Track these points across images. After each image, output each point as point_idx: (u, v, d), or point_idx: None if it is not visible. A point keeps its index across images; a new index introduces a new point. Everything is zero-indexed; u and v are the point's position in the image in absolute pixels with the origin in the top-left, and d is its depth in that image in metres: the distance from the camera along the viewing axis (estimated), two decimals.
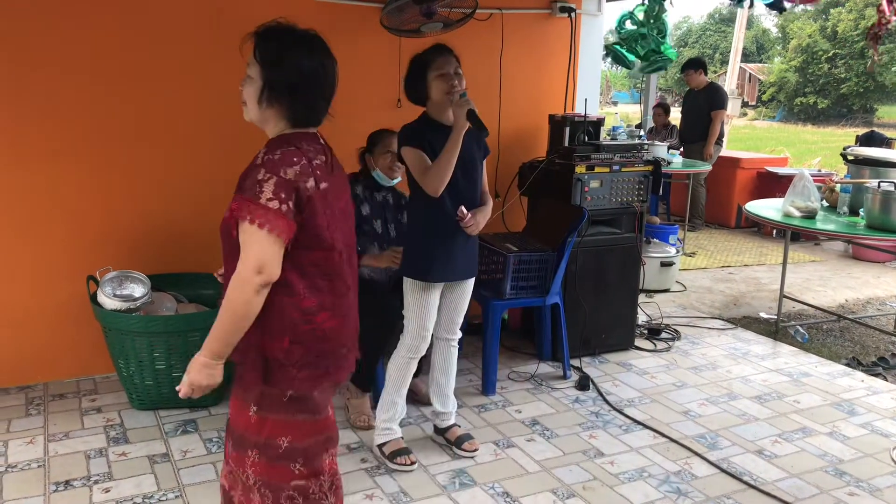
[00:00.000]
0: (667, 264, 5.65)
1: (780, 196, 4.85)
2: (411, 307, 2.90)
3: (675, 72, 32.44)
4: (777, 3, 4.05)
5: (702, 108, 7.61)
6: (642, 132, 4.73)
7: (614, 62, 4.65)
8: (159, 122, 3.65)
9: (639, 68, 4.75)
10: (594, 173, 3.97)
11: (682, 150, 7.58)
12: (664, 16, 4.47)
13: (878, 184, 4.19)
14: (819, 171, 8.54)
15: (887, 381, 4.09)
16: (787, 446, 3.26)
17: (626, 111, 19.68)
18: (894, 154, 5.32)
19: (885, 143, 7.77)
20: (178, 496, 2.72)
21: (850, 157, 5.25)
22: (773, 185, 7.95)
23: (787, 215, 4.40)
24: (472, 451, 3.08)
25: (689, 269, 6.42)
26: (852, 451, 3.22)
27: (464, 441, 3.09)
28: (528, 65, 4.58)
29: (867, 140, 7.93)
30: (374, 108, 4.09)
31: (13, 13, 3.29)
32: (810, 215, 4.37)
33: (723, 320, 5.02)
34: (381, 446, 3.00)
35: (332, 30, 3.91)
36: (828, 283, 6.24)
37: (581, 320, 4.06)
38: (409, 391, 3.06)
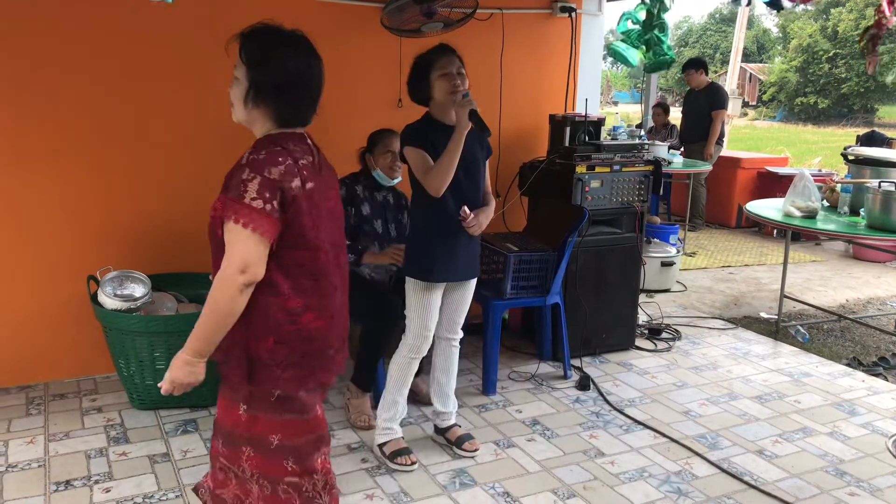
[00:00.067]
0: (667, 264, 5.64)
1: (780, 196, 4.85)
2: (413, 307, 2.90)
3: (675, 72, 32.43)
4: (776, 2, 4.03)
5: (702, 108, 7.61)
6: (643, 132, 4.73)
7: (616, 61, 4.65)
8: (159, 122, 3.65)
9: (640, 68, 4.75)
10: (595, 173, 3.97)
11: (682, 149, 7.58)
12: (664, 15, 4.47)
13: (879, 184, 4.19)
14: (819, 171, 8.54)
15: (888, 381, 4.09)
16: (787, 446, 3.26)
17: (627, 111, 19.66)
18: (895, 154, 5.32)
19: (885, 142, 7.77)
20: (179, 496, 2.72)
21: (850, 157, 5.25)
22: (773, 184, 7.95)
23: (787, 215, 4.40)
24: (473, 451, 3.08)
25: (689, 268, 6.42)
26: (853, 451, 3.22)
27: (464, 441, 3.09)
28: (529, 65, 4.58)
29: (868, 140, 7.93)
30: (375, 107, 4.09)
31: (13, 13, 3.29)
32: (811, 215, 4.37)
33: (723, 320, 5.02)
34: (381, 446, 3.00)
35: (332, 30, 3.98)
36: (828, 282, 6.23)
37: (581, 320, 4.06)
38: (410, 391, 3.06)
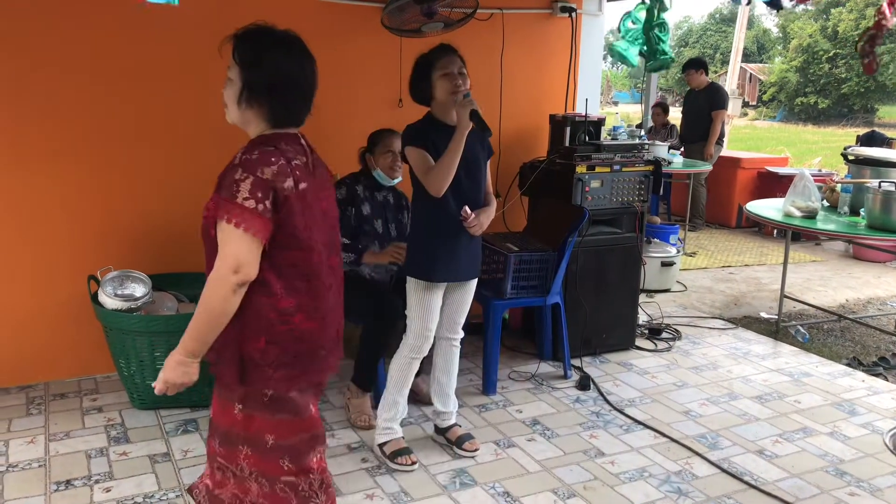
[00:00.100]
0: (667, 264, 5.64)
1: (780, 196, 4.85)
2: (414, 307, 2.90)
3: (675, 72, 32.42)
4: (776, 1, 4.04)
5: (702, 108, 7.61)
6: (643, 132, 4.74)
7: (616, 61, 4.66)
8: (159, 122, 3.65)
9: (640, 68, 4.76)
10: (595, 173, 3.97)
11: (682, 149, 7.58)
12: (664, 15, 4.48)
13: (879, 184, 4.19)
14: (820, 170, 8.54)
15: (888, 381, 4.09)
16: (787, 446, 3.26)
17: (627, 111, 19.66)
18: (895, 154, 5.32)
19: (885, 142, 7.77)
20: (179, 496, 2.72)
21: (850, 157, 5.25)
22: (773, 184, 7.95)
23: (787, 215, 4.41)
24: (473, 451, 3.08)
25: (689, 268, 6.42)
26: (853, 451, 3.22)
27: (464, 441, 3.09)
28: (529, 65, 4.58)
29: (868, 140, 7.94)
30: (375, 107, 4.09)
31: (13, 13, 3.30)
32: (811, 215, 4.37)
33: (723, 320, 5.02)
34: (381, 446, 3.00)
35: (333, 30, 3.98)
36: (828, 282, 6.23)
37: (582, 320, 4.06)
38: (410, 391, 3.05)
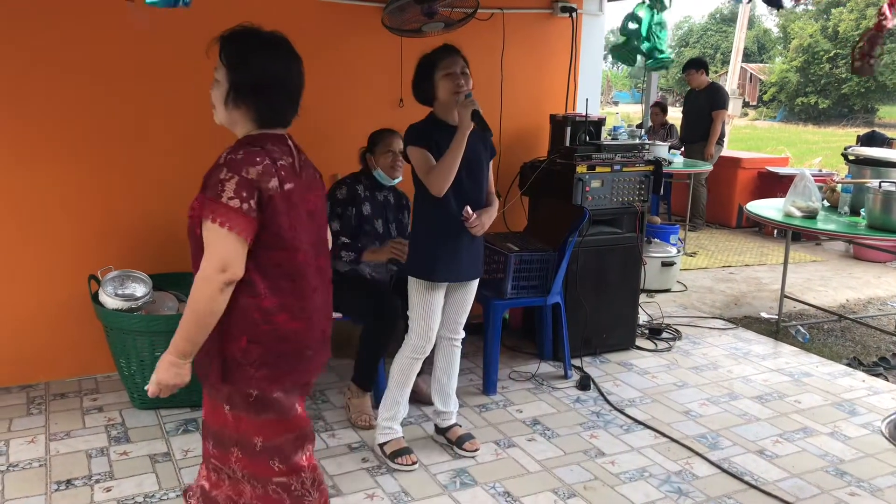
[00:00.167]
0: (668, 264, 5.64)
1: (781, 196, 4.85)
2: (416, 307, 2.90)
3: (675, 72, 32.40)
4: (776, 1, 4.04)
5: (703, 108, 7.61)
6: (643, 132, 4.74)
7: (617, 60, 4.66)
8: (160, 122, 3.65)
9: (641, 66, 4.77)
10: (595, 173, 3.97)
11: (682, 149, 7.58)
12: (663, 14, 4.49)
13: (879, 184, 4.19)
14: (820, 171, 8.54)
15: (888, 381, 4.08)
16: (788, 446, 3.26)
17: (627, 111, 19.66)
18: (895, 154, 5.32)
19: (886, 143, 7.77)
20: (180, 495, 2.71)
21: (851, 157, 5.25)
22: (774, 185, 7.95)
23: (788, 215, 4.40)
24: (473, 451, 3.08)
25: (689, 268, 6.42)
26: (853, 452, 3.22)
27: (465, 441, 3.09)
28: (530, 65, 4.58)
29: (868, 140, 7.94)
30: (376, 107, 4.09)
31: (14, 13, 3.30)
32: (811, 215, 4.37)
33: (724, 320, 5.02)
34: (382, 445, 3.00)
35: (333, 30, 3.99)
36: (829, 283, 6.23)
37: (582, 320, 4.07)
38: (411, 391, 3.05)
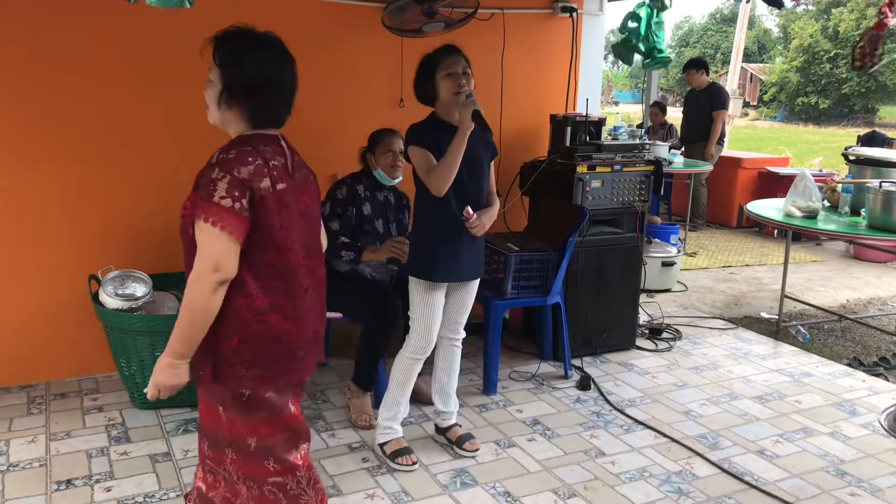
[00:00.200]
0: (668, 264, 5.64)
1: (781, 196, 4.85)
2: (417, 307, 2.89)
3: (676, 72, 32.40)
4: (776, 0, 4.04)
5: (703, 108, 7.61)
6: (643, 132, 4.74)
7: (616, 58, 4.66)
8: (160, 122, 3.65)
9: (640, 65, 4.78)
10: (595, 173, 3.97)
11: (683, 149, 7.58)
12: (662, 15, 4.49)
13: (880, 184, 4.19)
14: (820, 171, 8.53)
15: (888, 381, 4.08)
16: (788, 446, 3.26)
17: (628, 111, 19.66)
18: (895, 154, 5.32)
19: (886, 143, 7.77)
20: (180, 495, 2.71)
21: (851, 158, 5.25)
22: (774, 185, 7.94)
23: (788, 215, 4.40)
24: (473, 451, 3.07)
25: (690, 268, 6.42)
26: (854, 452, 3.22)
27: (465, 441, 3.09)
28: (530, 65, 4.58)
29: (869, 140, 7.94)
30: (376, 107, 4.09)
31: (14, 13, 3.30)
32: (811, 215, 4.37)
33: (724, 320, 5.02)
34: (382, 445, 3.00)
35: (333, 30, 3.99)
36: (829, 283, 6.23)
37: (582, 320, 4.06)
38: (411, 390, 3.05)
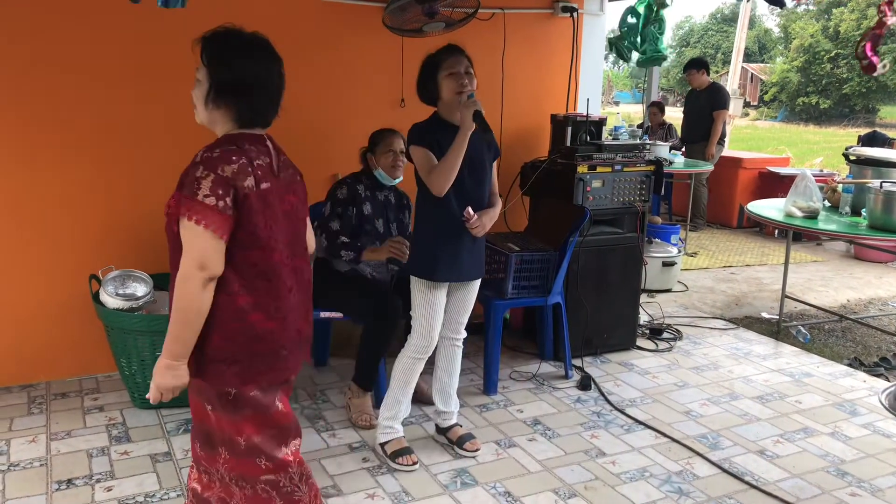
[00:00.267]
0: (668, 264, 5.64)
1: (782, 196, 4.85)
2: (419, 307, 2.89)
3: (676, 72, 32.40)
4: (778, 0, 4.04)
5: (704, 108, 7.60)
6: (642, 132, 4.75)
7: (617, 58, 4.67)
8: (160, 122, 3.65)
9: (635, 62, 4.79)
10: (596, 173, 3.97)
11: (683, 149, 7.58)
12: (663, 12, 4.49)
13: (881, 184, 4.19)
14: (821, 171, 8.54)
15: (889, 381, 4.08)
16: (788, 446, 3.26)
17: (628, 111, 19.66)
18: None
19: (887, 143, 7.76)
20: (180, 495, 2.72)
21: (852, 158, 5.25)
22: (774, 185, 7.94)
23: (788, 215, 4.40)
24: (474, 451, 3.07)
25: (690, 269, 6.42)
26: (854, 452, 3.22)
27: (465, 440, 3.09)
28: (530, 64, 4.58)
29: (869, 140, 7.93)
30: (377, 107, 4.09)
31: (14, 13, 3.30)
32: (812, 215, 4.36)
33: (724, 320, 5.02)
34: (382, 445, 3.00)
35: (334, 30, 3.99)
36: (830, 283, 6.23)
37: (583, 320, 4.06)
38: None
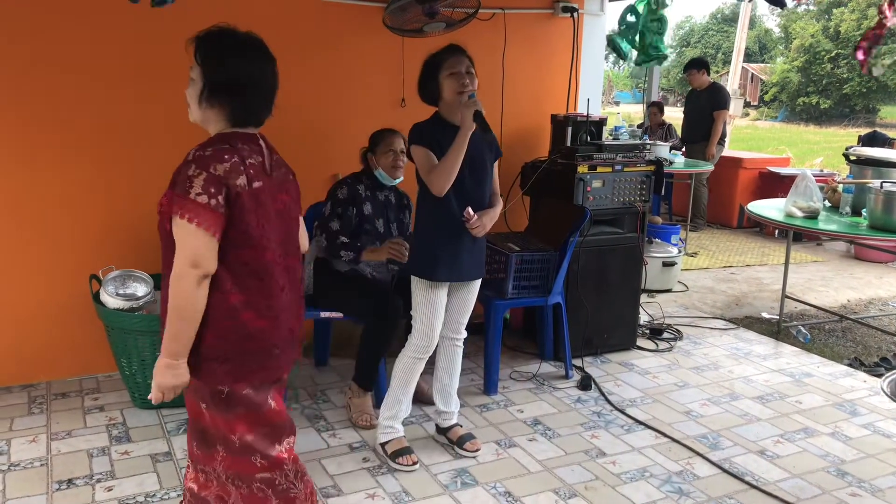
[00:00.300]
0: (669, 264, 5.64)
1: (782, 196, 4.85)
2: (419, 306, 2.90)
3: (677, 72, 32.37)
4: (779, 0, 4.03)
5: (704, 108, 7.60)
6: (641, 132, 4.74)
7: (612, 52, 4.65)
8: (160, 122, 3.65)
9: (633, 60, 4.77)
10: (596, 173, 3.97)
11: (684, 150, 7.58)
12: (663, 12, 4.48)
13: (881, 184, 4.19)
14: (821, 171, 8.53)
15: None
16: (789, 447, 3.26)
17: (629, 111, 19.65)
18: None
19: (887, 143, 7.76)
20: (181, 495, 2.71)
21: (852, 158, 5.25)
22: (775, 185, 7.94)
23: (789, 215, 4.40)
24: (474, 451, 3.08)
25: (691, 269, 6.41)
26: (854, 452, 3.22)
27: (466, 441, 3.09)
28: (531, 65, 4.58)
29: (870, 140, 7.93)
30: (377, 107, 4.09)
31: (14, 13, 3.30)
32: (812, 215, 4.37)
33: (725, 320, 5.02)
34: (383, 445, 3.00)
35: (334, 29, 3.99)
36: (830, 283, 6.23)
37: (583, 320, 4.06)
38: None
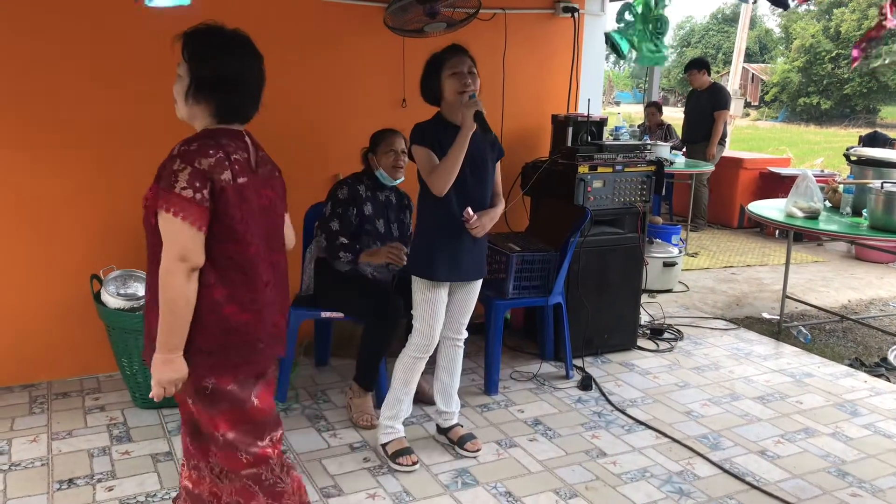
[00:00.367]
0: (669, 264, 5.64)
1: (782, 196, 4.85)
2: (420, 306, 2.90)
3: (677, 72, 32.37)
4: (781, 0, 4.03)
5: (705, 109, 7.60)
6: (640, 132, 4.74)
7: (610, 50, 4.64)
8: (161, 121, 3.63)
9: (632, 60, 4.77)
10: (597, 173, 3.97)
11: (684, 150, 7.58)
12: (662, 12, 4.48)
13: (882, 184, 4.19)
14: (822, 171, 8.54)
15: (890, 381, 4.08)
16: (789, 447, 3.26)
17: (629, 111, 19.66)
18: None
19: (888, 143, 7.76)
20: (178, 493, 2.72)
21: (853, 158, 5.25)
22: (775, 185, 7.94)
23: (789, 216, 4.40)
24: (475, 451, 3.08)
25: (691, 269, 6.41)
26: (855, 452, 3.22)
27: (466, 441, 3.09)
28: (531, 65, 4.58)
29: (870, 141, 7.93)
30: (378, 107, 4.09)
31: (14, 13, 3.30)
32: (813, 216, 4.37)
33: (725, 321, 5.02)
34: (384, 445, 3.00)
35: (335, 30, 3.99)
36: (830, 283, 6.23)
37: (584, 320, 4.06)
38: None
